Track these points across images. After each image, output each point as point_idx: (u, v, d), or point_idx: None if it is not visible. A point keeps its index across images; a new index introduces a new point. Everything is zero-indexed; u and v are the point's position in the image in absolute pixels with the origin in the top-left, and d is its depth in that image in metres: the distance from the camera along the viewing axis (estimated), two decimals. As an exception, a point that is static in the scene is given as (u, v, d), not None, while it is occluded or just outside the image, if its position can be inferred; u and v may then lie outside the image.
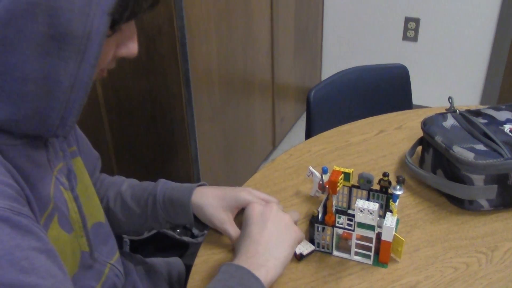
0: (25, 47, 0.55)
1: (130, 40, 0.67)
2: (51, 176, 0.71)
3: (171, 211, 0.93)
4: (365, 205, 0.82)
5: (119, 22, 0.61)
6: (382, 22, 2.86)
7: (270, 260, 0.77)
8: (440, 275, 0.86)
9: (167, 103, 1.75)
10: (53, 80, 0.58)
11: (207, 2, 1.72)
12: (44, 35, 0.56)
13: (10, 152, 0.63)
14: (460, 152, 0.96)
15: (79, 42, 0.57)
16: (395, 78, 1.62)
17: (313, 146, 1.23)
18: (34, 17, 0.54)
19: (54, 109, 0.60)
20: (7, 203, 0.56)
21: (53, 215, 0.69)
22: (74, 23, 0.56)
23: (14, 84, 0.57)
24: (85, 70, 0.59)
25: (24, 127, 0.61)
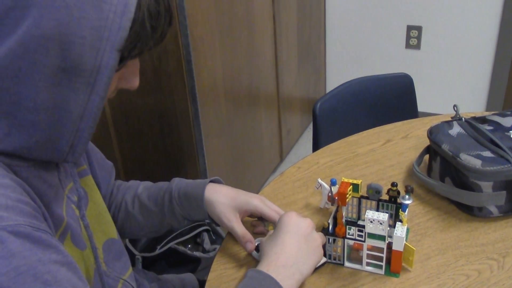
0: (37, 78, 0.58)
1: (133, 74, 0.70)
2: (62, 195, 0.73)
3: (187, 206, 0.95)
4: (375, 215, 0.83)
5: (126, 58, 0.64)
6: (384, 31, 2.88)
7: (296, 274, 0.79)
8: (452, 283, 0.86)
9: (174, 119, 1.77)
10: (63, 110, 0.61)
11: (210, 19, 1.75)
12: (56, 68, 0.58)
13: (24, 173, 0.65)
14: (467, 159, 0.97)
15: (89, 75, 0.60)
16: (399, 87, 1.63)
17: (321, 158, 1.24)
18: (47, 51, 0.57)
19: (64, 137, 0.63)
20: (27, 220, 0.58)
21: (66, 233, 0.71)
22: (85, 57, 0.59)
23: (26, 113, 0.60)
24: (94, 101, 0.62)
25: (35, 154, 0.64)
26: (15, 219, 0.57)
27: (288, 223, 0.85)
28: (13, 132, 0.61)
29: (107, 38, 0.59)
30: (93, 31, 0.58)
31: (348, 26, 2.96)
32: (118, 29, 0.59)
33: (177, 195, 0.96)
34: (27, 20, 0.56)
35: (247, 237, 0.92)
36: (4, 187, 0.59)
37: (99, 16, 0.58)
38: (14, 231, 0.56)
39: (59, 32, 0.57)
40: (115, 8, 0.58)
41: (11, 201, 0.58)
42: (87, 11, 0.57)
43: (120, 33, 0.59)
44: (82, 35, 0.57)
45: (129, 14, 0.59)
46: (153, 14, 0.63)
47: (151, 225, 0.99)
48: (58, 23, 0.56)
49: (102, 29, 0.58)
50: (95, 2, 0.57)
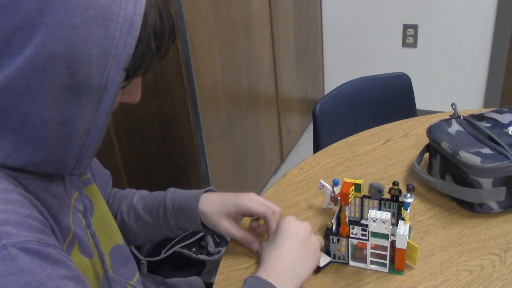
0: (45, 96, 0.60)
1: (135, 89, 0.72)
2: (69, 204, 0.75)
3: (181, 218, 0.97)
4: (378, 215, 0.85)
5: (132, 76, 0.66)
6: (380, 30, 2.90)
7: (295, 279, 0.80)
8: (456, 279, 0.88)
9: (175, 124, 1.78)
10: (70, 126, 0.62)
11: (208, 24, 1.76)
12: (63, 85, 0.60)
13: (31, 185, 0.66)
14: (467, 157, 0.99)
15: (95, 92, 0.61)
16: (398, 87, 1.65)
17: (322, 159, 1.26)
18: (54, 69, 0.58)
19: (70, 152, 0.64)
20: (36, 235, 0.59)
21: (73, 242, 0.72)
22: (92, 74, 0.60)
23: (34, 129, 0.61)
24: (101, 116, 0.63)
25: (42, 168, 0.65)
26: (24, 236, 0.58)
27: (287, 227, 0.86)
28: (21, 148, 0.62)
29: (113, 56, 0.60)
30: (100, 49, 0.59)
31: (344, 26, 2.98)
32: (124, 47, 0.60)
33: (171, 207, 0.97)
34: (35, 39, 0.57)
35: (248, 238, 0.94)
36: (13, 203, 0.60)
37: (105, 35, 0.59)
38: (24, 247, 0.57)
39: (67, 51, 0.58)
40: (121, 27, 0.60)
41: (20, 217, 0.59)
42: (94, 30, 0.58)
43: (126, 51, 0.61)
44: (89, 54, 0.59)
45: (135, 33, 0.61)
46: (158, 34, 0.64)
47: (146, 234, 1.01)
48: (65, 42, 0.57)
49: (108, 47, 0.59)
50: (101, 22, 0.59)
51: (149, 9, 0.62)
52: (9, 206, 0.59)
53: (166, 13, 0.66)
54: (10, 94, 0.59)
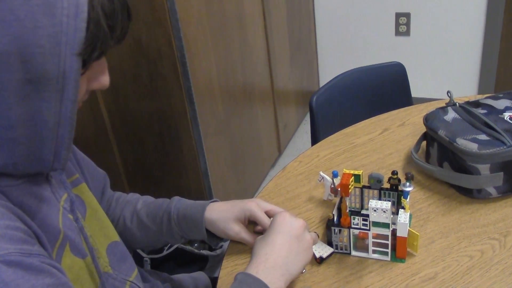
0: (6, 95, 0.58)
1: (101, 74, 0.71)
2: (58, 207, 0.74)
3: (185, 227, 0.97)
4: (378, 204, 0.86)
5: (89, 60, 0.64)
6: (373, 19, 2.90)
7: (285, 275, 0.80)
8: (457, 265, 0.89)
9: (173, 121, 1.79)
10: (39, 120, 0.62)
11: (202, 20, 1.77)
12: (22, 81, 0.58)
13: (14, 192, 0.66)
14: (464, 144, 1.00)
15: (55, 82, 0.60)
16: (392, 76, 1.65)
17: (321, 151, 1.27)
18: (9, 66, 0.57)
19: (45, 147, 0.64)
20: (17, 246, 0.59)
21: (64, 244, 0.72)
22: (48, 65, 0.59)
23: (4, 131, 0.61)
24: (67, 106, 0.62)
25: (22, 168, 0.65)
26: (5, 248, 0.58)
27: (281, 223, 0.85)
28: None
29: (65, 42, 0.59)
30: (50, 38, 0.58)
31: (337, 17, 2.98)
32: (74, 31, 0.59)
33: (175, 216, 0.98)
34: None
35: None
36: None
37: (52, 22, 0.58)
38: (6, 260, 0.57)
39: (17, 46, 0.56)
40: (67, 12, 0.58)
41: (0, 229, 0.59)
42: (40, 19, 0.57)
43: (77, 35, 0.59)
44: (40, 44, 0.57)
45: (82, 14, 0.59)
46: (108, 12, 0.63)
47: (148, 241, 1.01)
48: (13, 37, 0.56)
49: (58, 34, 0.58)
50: (45, 10, 0.57)
51: None
52: None
53: None
54: None
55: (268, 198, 1.12)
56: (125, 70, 1.72)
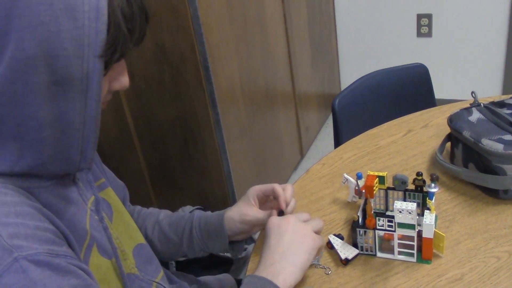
0: (33, 97, 0.61)
1: (121, 74, 0.73)
2: (85, 209, 0.77)
3: (206, 236, 1.00)
4: (403, 205, 0.86)
5: (110, 62, 0.67)
6: (394, 21, 2.89)
7: (287, 267, 0.82)
8: (484, 266, 0.88)
9: (196, 126, 1.81)
10: (65, 121, 0.64)
11: (224, 25, 1.79)
12: (48, 83, 0.61)
13: (43, 194, 0.69)
14: (489, 144, 0.99)
15: (80, 83, 0.63)
16: (415, 78, 1.65)
17: (344, 153, 1.27)
18: (35, 69, 0.60)
19: (72, 146, 0.66)
20: (45, 247, 0.61)
21: (91, 245, 0.75)
22: (72, 66, 0.61)
23: (32, 133, 0.63)
24: (91, 106, 0.65)
25: (51, 168, 0.67)
26: (34, 248, 0.60)
27: (270, 227, 0.88)
28: (25, 153, 0.65)
29: (88, 44, 0.61)
30: (73, 41, 0.60)
31: (358, 19, 2.98)
32: (96, 33, 0.61)
33: (197, 225, 1.00)
34: (9, 45, 0.59)
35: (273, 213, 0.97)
36: (22, 216, 0.62)
37: (75, 26, 0.60)
38: (34, 260, 0.59)
39: (42, 49, 0.59)
40: (88, 15, 0.60)
41: (30, 230, 0.61)
42: (63, 23, 0.59)
43: (99, 37, 0.62)
44: (64, 47, 0.60)
45: (103, 17, 0.62)
46: (128, 16, 0.65)
47: (167, 252, 1.03)
48: (38, 41, 0.59)
49: (81, 37, 0.61)
50: (68, 14, 0.59)
51: None
52: (19, 219, 0.61)
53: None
54: (1, 103, 0.61)
55: (292, 201, 1.13)
56: (148, 76, 1.75)
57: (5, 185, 0.65)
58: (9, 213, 0.61)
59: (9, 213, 0.61)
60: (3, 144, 0.64)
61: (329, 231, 1.01)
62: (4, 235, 0.59)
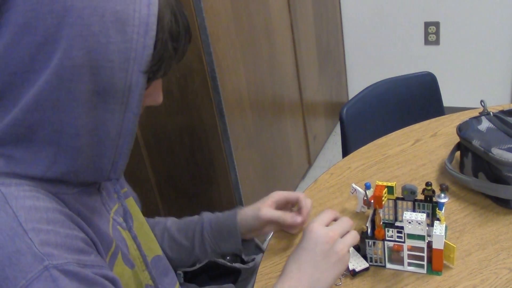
0: (75, 105, 0.62)
1: (156, 90, 0.74)
2: (108, 218, 0.77)
3: (218, 236, 0.99)
4: (413, 216, 0.85)
5: (153, 78, 0.67)
6: (402, 29, 2.88)
7: None
8: (496, 277, 0.87)
9: (204, 135, 1.81)
10: (102, 130, 0.65)
11: (231, 35, 1.79)
12: (91, 92, 0.62)
13: (71, 200, 0.69)
14: (499, 153, 0.98)
15: (121, 95, 0.63)
16: (423, 86, 1.64)
17: (352, 163, 1.26)
18: (80, 78, 0.60)
19: (106, 157, 0.67)
20: (75, 257, 0.61)
21: (117, 253, 0.75)
22: (116, 78, 0.62)
23: (69, 139, 0.63)
24: (129, 118, 0.65)
25: (82, 176, 0.67)
26: (64, 257, 0.60)
27: (308, 238, 0.84)
28: (59, 159, 0.65)
29: (134, 58, 0.62)
30: (120, 53, 0.61)
31: (365, 27, 2.97)
32: (143, 48, 0.62)
33: (208, 225, 1.00)
34: (58, 52, 0.59)
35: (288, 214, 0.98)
36: (54, 222, 0.62)
37: (124, 39, 0.60)
38: (64, 270, 0.59)
39: (89, 59, 0.60)
40: (138, 29, 0.61)
41: (60, 238, 0.61)
42: (112, 35, 0.60)
43: (145, 52, 0.62)
44: (110, 59, 0.60)
45: (152, 33, 0.62)
46: (174, 35, 0.66)
47: (178, 258, 1.03)
48: (87, 51, 0.59)
49: (128, 50, 0.61)
50: (118, 27, 0.60)
51: (163, 9, 0.64)
52: (50, 226, 0.61)
53: (180, 14, 0.67)
54: (42, 108, 0.61)
55: (300, 211, 1.12)
56: (156, 86, 1.75)
57: (37, 189, 0.65)
58: (41, 219, 0.61)
59: (41, 219, 0.61)
60: (39, 148, 0.64)
61: (337, 242, 1.00)
62: (36, 242, 0.59)
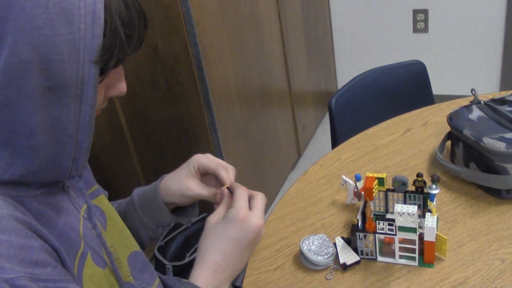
0: (27, 103, 0.59)
1: (118, 81, 0.71)
2: (78, 216, 0.74)
3: (150, 213, 0.95)
4: (404, 208, 0.84)
5: (107, 68, 0.64)
6: (390, 17, 2.86)
7: (229, 278, 0.79)
8: (488, 268, 0.86)
9: (191, 127, 1.78)
10: (59, 127, 0.62)
11: (217, 25, 1.76)
12: (42, 88, 0.59)
13: (33, 203, 0.66)
14: (491, 143, 0.97)
15: (75, 88, 0.60)
16: (413, 75, 1.62)
17: (342, 154, 1.25)
18: (29, 74, 0.57)
19: (65, 153, 0.64)
20: (27, 270, 0.59)
21: (86, 253, 0.72)
22: (67, 71, 0.59)
23: (24, 139, 0.61)
24: (85, 111, 0.62)
25: (41, 176, 0.64)
26: (16, 271, 0.57)
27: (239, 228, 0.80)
28: (16, 161, 0.62)
29: (83, 49, 0.59)
30: (69, 45, 0.58)
31: (353, 16, 2.95)
32: (92, 38, 0.59)
33: (138, 204, 0.96)
34: (3, 49, 0.57)
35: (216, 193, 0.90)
36: (8, 232, 0.59)
37: (71, 30, 0.58)
38: (15, 284, 0.56)
39: (37, 54, 0.57)
40: (85, 19, 0.58)
41: (14, 250, 0.58)
42: (58, 27, 0.57)
43: (95, 41, 0.60)
44: (59, 52, 0.58)
45: (99, 21, 0.59)
46: (126, 21, 0.63)
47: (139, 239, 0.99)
48: (33, 45, 0.57)
49: (76, 41, 0.59)
50: (64, 17, 0.57)
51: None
52: (5, 235, 0.58)
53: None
54: None
55: (290, 203, 1.10)
56: (142, 78, 1.72)
57: None
58: None
59: None
60: None
61: (328, 234, 0.98)
62: None
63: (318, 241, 0.95)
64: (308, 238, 0.96)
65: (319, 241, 0.95)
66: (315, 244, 0.94)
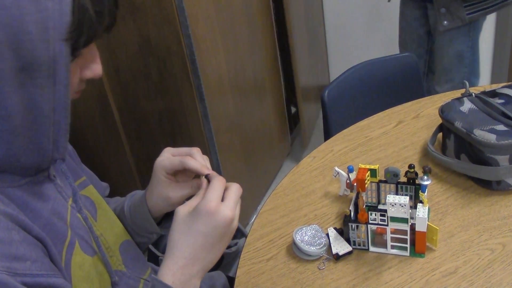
0: (1, 85, 0.59)
1: (93, 62, 0.70)
2: (66, 206, 0.74)
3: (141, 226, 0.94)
4: (396, 199, 0.84)
5: (78, 47, 0.64)
6: (381, 6, 2.86)
7: (200, 272, 0.75)
8: (478, 258, 0.87)
9: (184, 119, 1.78)
10: (35, 108, 0.62)
11: (210, 17, 1.75)
12: (15, 69, 0.59)
13: (17, 192, 0.66)
14: (481, 135, 0.98)
15: (47, 67, 0.60)
16: (405, 67, 1.63)
17: (335, 146, 1.25)
18: (1, 56, 0.57)
19: (44, 135, 0.64)
20: (5, 264, 0.59)
21: (73, 242, 0.72)
22: (38, 51, 0.59)
23: (2, 122, 0.60)
24: (60, 91, 0.63)
25: (23, 160, 0.64)
26: None
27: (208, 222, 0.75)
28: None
29: (52, 27, 0.59)
30: (38, 24, 0.58)
31: (345, 9, 2.95)
32: (60, 15, 0.59)
33: (129, 215, 0.94)
34: None
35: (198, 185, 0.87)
36: None
37: (38, 8, 0.58)
38: None
39: (6, 34, 0.57)
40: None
41: None
42: (26, 6, 0.57)
43: (63, 19, 0.60)
44: (28, 31, 0.57)
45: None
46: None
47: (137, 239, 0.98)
48: (1, 26, 0.56)
49: (45, 20, 0.58)
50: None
51: None
52: None
53: None
54: None
55: (283, 195, 1.11)
56: (134, 69, 1.71)
57: None
58: None
59: None
60: None
61: (321, 225, 0.99)
62: None
63: (311, 231, 0.96)
64: (301, 228, 0.96)
65: (312, 231, 0.96)
66: (308, 235, 0.95)
